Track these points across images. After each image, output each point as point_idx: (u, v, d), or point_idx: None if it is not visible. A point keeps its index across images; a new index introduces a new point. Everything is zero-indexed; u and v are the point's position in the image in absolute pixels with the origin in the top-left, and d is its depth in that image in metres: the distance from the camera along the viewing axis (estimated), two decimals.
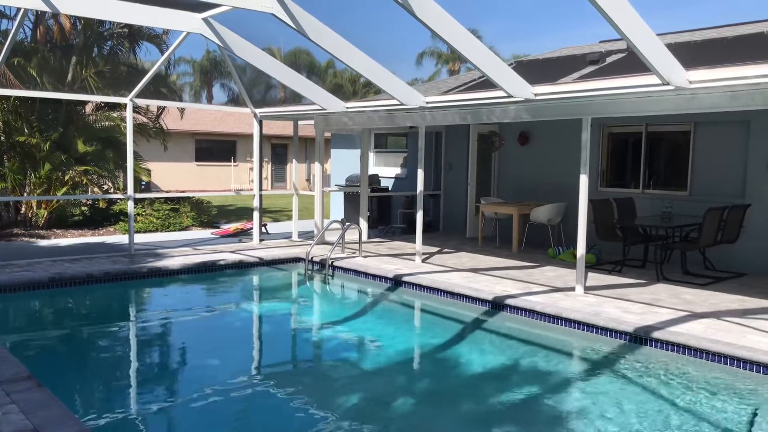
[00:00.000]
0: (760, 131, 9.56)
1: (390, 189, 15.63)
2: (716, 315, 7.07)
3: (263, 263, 10.73)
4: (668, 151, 11.27)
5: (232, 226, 14.73)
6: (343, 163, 16.95)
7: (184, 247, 11.74)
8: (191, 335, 7.84)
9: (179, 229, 15.11)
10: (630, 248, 9.95)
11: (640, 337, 6.56)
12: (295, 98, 17.20)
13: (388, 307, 9.25)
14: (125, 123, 12.23)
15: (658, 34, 6.24)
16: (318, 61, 40.66)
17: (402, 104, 9.32)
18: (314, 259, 10.64)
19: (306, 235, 13.04)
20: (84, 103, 15.92)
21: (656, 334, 6.43)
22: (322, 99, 10.74)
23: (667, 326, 6.56)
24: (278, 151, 34.96)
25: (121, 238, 12.94)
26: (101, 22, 15.53)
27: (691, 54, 9.70)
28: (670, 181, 10.97)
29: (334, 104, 10.75)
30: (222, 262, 10.33)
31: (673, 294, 8.17)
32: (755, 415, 5.03)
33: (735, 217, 9.36)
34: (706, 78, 6.55)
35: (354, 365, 6.78)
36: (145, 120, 17.44)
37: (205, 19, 9.29)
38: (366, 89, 36.46)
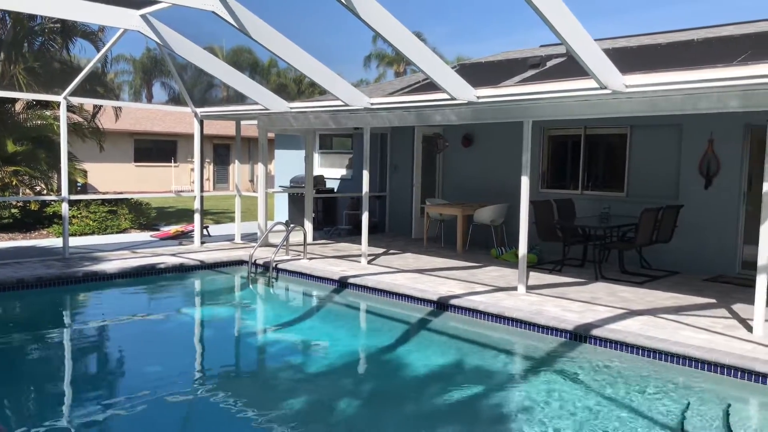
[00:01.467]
0: (692, 134, 9.94)
1: (335, 190, 15.56)
2: (652, 312, 7.31)
3: (205, 266, 10.50)
4: (606, 153, 11.61)
5: (173, 229, 14.38)
6: (288, 163, 16.78)
7: (122, 250, 11.38)
8: (129, 342, 7.58)
9: (117, 232, 14.64)
10: (570, 248, 10.19)
11: (580, 335, 6.71)
12: (238, 98, 16.92)
13: (333, 310, 9.19)
14: (59, 122, 11.76)
15: (596, 40, 6.41)
16: (261, 60, 40.23)
17: (346, 105, 9.28)
18: (258, 261, 10.48)
19: (249, 238, 12.84)
20: (13, 100, 15.23)
21: (595, 332, 6.60)
22: (264, 99, 10.59)
23: (606, 324, 6.74)
24: (220, 151, 34.34)
25: (55, 242, 12.44)
26: (32, 17, 14.90)
27: (628, 59, 10.02)
28: (608, 182, 11.30)
29: (277, 104, 10.62)
30: (162, 266, 10.05)
31: (611, 292, 8.40)
32: (687, 408, 5.21)
33: (669, 218, 9.71)
34: (641, 82, 6.76)
35: (298, 369, 6.69)
36: (80, 119, 16.83)
37: (143, 16, 9.02)
38: (311, 89, 36.23)
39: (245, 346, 7.78)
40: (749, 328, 6.55)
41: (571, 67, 8.14)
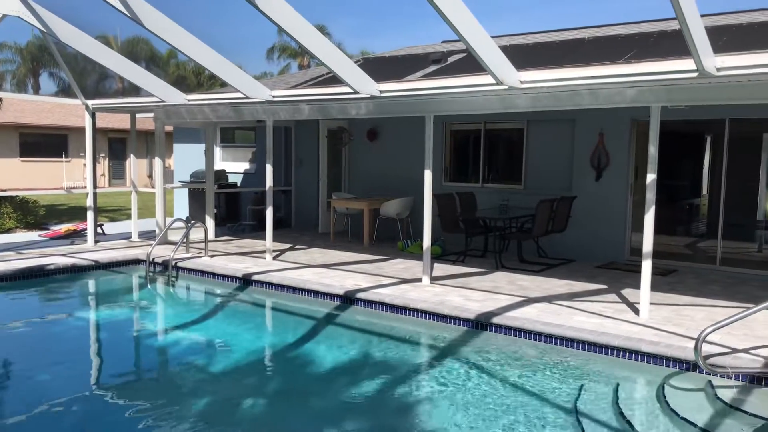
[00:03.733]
0: (584, 129, 10.45)
1: (238, 185, 15.21)
2: (548, 299, 7.64)
3: (99, 266, 9.97)
4: (505, 147, 12.01)
5: (63, 227, 13.57)
6: (188, 158, 16.23)
7: (5, 251, 10.61)
8: (16, 349, 7.07)
9: (0, 232, 13.64)
10: (472, 239, 10.47)
11: (481, 323, 6.91)
12: (135, 89, 16.17)
13: (237, 308, 8.99)
14: None
15: (494, 37, 6.58)
16: (159, 52, 38.65)
17: (247, 98, 9.07)
18: (156, 260, 10.08)
19: (147, 236, 12.33)
20: None
21: (496, 320, 6.81)
22: (161, 91, 10.17)
23: (505, 312, 6.98)
24: (116, 145, 32.73)
25: None
26: None
27: (524, 56, 10.39)
28: (507, 175, 11.70)
29: (174, 96, 10.23)
30: (51, 267, 9.46)
31: (510, 281, 8.71)
32: (581, 389, 5.49)
33: (563, 209, 10.17)
34: (536, 78, 7.02)
35: (201, 369, 6.49)
36: None
37: (23, 0, 8.41)
38: (211, 81, 35.20)
39: (145, 348, 7.45)
40: (636, 311, 6.98)
41: (471, 63, 8.33)
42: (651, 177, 6.72)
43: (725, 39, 9.35)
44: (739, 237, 9.72)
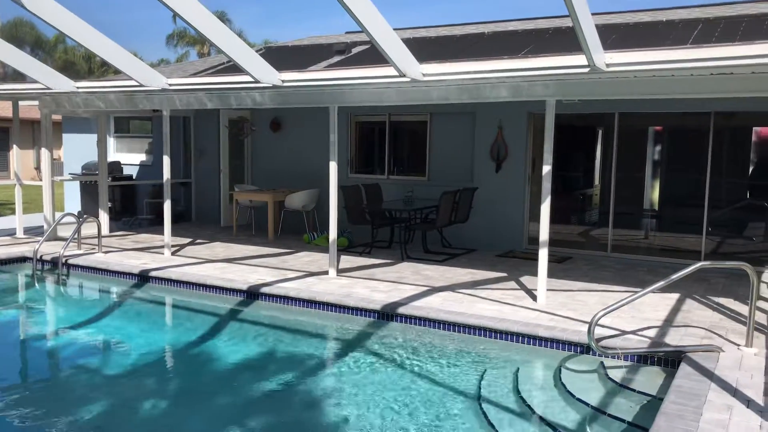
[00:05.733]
0: (484, 121, 10.72)
1: (134, 177, 14.53)
2: (452, 288, 7.79)
3: None
4: (410, 139, 12.13)
5: None
6: (79, 149, 15.30)
7: None
8: None
9: None
10: (378, 231, 10.52)
11: (387, 314, 6.95)
12: (20, 76, 15.05)
13: (134, 306, 8.56)
14: None
15: (396, 29, 6.59)
16: (46, 36, 36.26)
17: (142, 86, 8.64)
18: (44, 257, 9.45)
19: (35, 231, 11.54)
20: None
21: (401, 310, 6.87)
22: (47, 77, 9.49)
23: (410, 301, 7.06)
24: None
25: None
26: None
27: (426, 49, 10.52)
28: (412, 167, 11.83)
29: (62, 83, 9.58)
30: None
31: (415, 271, 8.82)
32: (483, 374, 5.63)
33: (466, 199, 10.41)
34: (438, 71, 7.11)
35: (96, 372, 6.16)
36: None
37: None
38: (104, 68, 33.43)
39: (32, 352, 6.97)
40: (534, 298, 7.25)
41: (375, 54, 8.33)
42: (547, 168, 6.98)
43: (614, 37, 9.86)
44: (628, 225, 10.32)
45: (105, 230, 11.38)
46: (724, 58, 5.74)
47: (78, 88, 9.70)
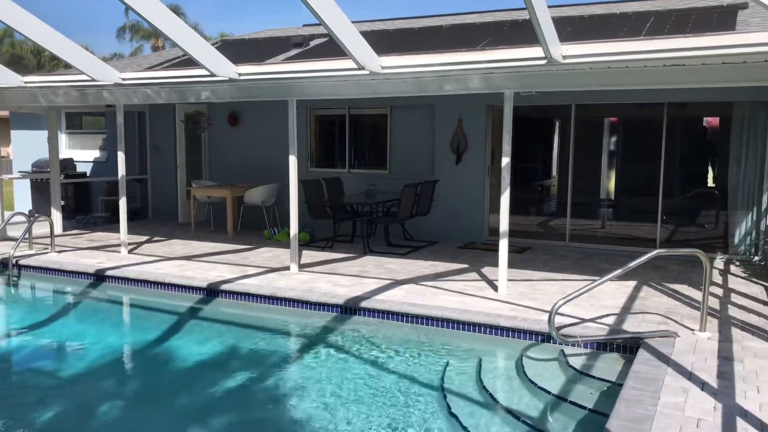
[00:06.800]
0: (443, 114, 10.75)
1: (88, 174, 14.15)
2: (414, 281, 7.80)
3: None
4: (370, 132, 12.09)
5: None
6: (29, 146, 14.81)
7: None
8: None
9: None
10: (340, 225, 10.47)
11: (350, 308, 6.92)
12: None
13: (89, 306, 8.34)
14: None
15: (354, 22, 6.55)
16: None
17: (93, 80, 8.40)
18: None
19: None
20: None
21: (364, 304, 6.85)
22: None
23: (373, 295, 7.04)
24: None
25: None
26: None
27: (385, 42, 10.48)
28: (373, 160, 11.80)
29: (8, 78, 9.26)
30: None
31: (378, 265, 8.81)
32: (446, 366, 5.66)
33: (427, 192, 10.44)
34: (397, 64, 7.10)
35: (51, 375, 5.98)
36: None
37: None
38: (54, 63, 32.45)
39: None
40: (495, 288, 7.32)
41: (333, 47, 8.26)
42: (506, 160, 7.04)
43: (570, 29, 9.98)
44: (585, 215, 10.51)
45: (58, 229, 11.07)
46: (677, 49, 5.87)
47: (26, 83, 9.38)
